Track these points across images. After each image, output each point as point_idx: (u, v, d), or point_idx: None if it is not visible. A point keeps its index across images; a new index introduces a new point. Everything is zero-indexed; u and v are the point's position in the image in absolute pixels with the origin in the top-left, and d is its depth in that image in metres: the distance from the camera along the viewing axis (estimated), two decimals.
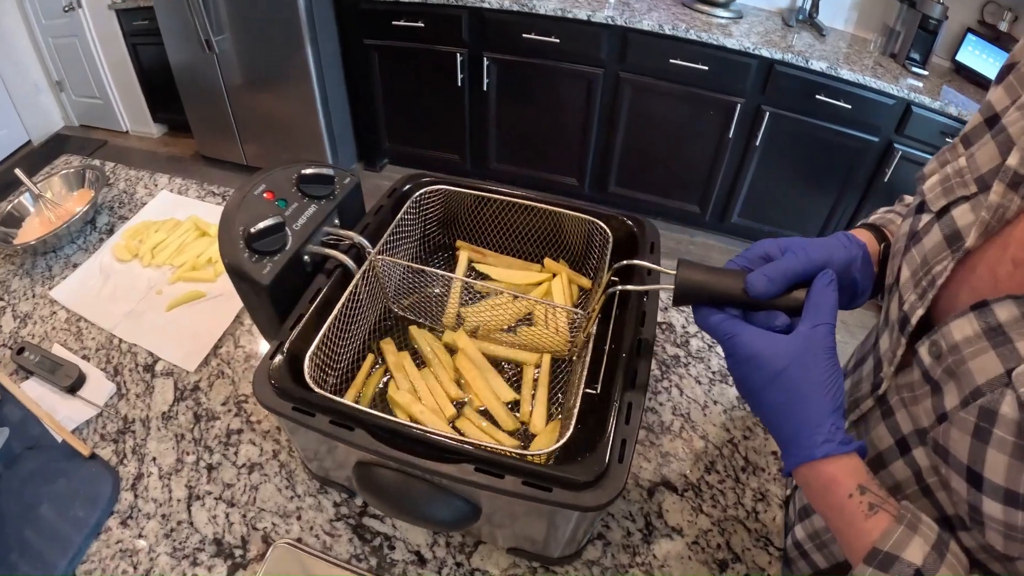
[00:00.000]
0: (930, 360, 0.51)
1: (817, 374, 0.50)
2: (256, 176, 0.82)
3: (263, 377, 0.66)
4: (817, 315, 0.52)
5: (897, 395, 0.58)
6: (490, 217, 0.97)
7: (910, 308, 0.54)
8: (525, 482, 0.58)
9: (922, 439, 0.54)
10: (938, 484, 0.53)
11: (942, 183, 0.54)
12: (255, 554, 0.80)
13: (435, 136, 3.16)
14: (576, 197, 3.07)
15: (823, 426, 0.49)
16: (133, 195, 1.39)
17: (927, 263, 0.53)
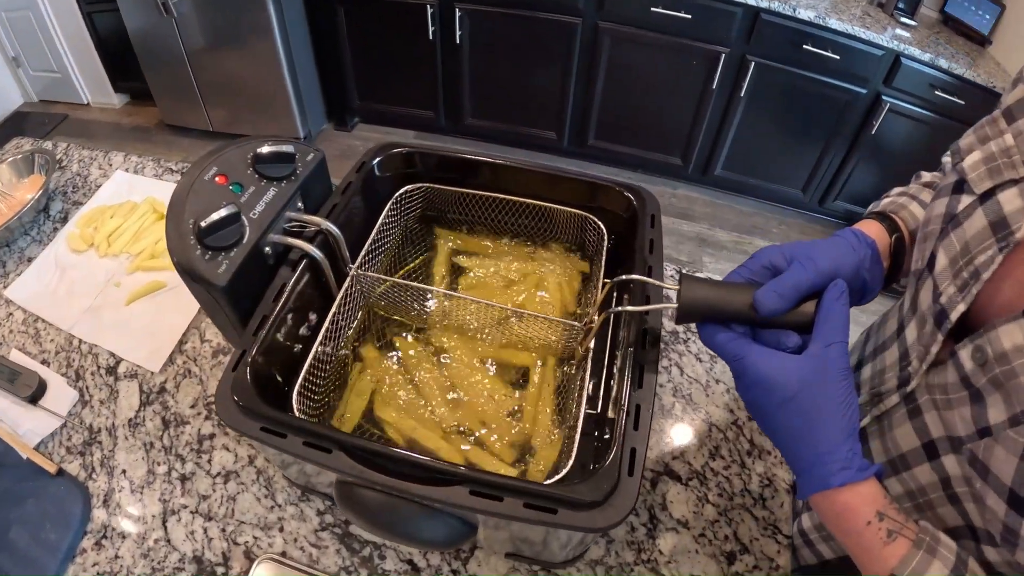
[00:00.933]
0: (972, 366, 0.47)
1: (831, 398, 0.47)
2: (206, 158, 0.73)
3: (226, 393, 0.59)
4: (829, 334, 0.49)
5: (928, 395, 0.54)
6: (475, 210, 0.89)
7: (948, 302, 0.50)
8: (527, 504, 0.52)
9: (955, 447, 0.50)
10: (968, 495, 0.50)
11: (986, 162, 0.49)
12: (238, 571, 0.75)
13: (407, 92, 3.03)
14: (555, 152, 2.99)
15: (839, 452, 0.46)
16: (87, 178, 1.29)
17: (968, 251, 0.48)
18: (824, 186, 2.71)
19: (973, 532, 0.51)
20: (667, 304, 0.59)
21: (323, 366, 0.71)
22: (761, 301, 0.51)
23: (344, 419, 0.73)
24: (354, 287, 0.76)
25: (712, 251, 2.71)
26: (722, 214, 2.87)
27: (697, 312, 0.55)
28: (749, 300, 0.52)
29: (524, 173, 0.85)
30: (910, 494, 0.57)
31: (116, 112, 3.62)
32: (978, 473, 0.46)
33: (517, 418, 0.74)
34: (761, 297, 0.51)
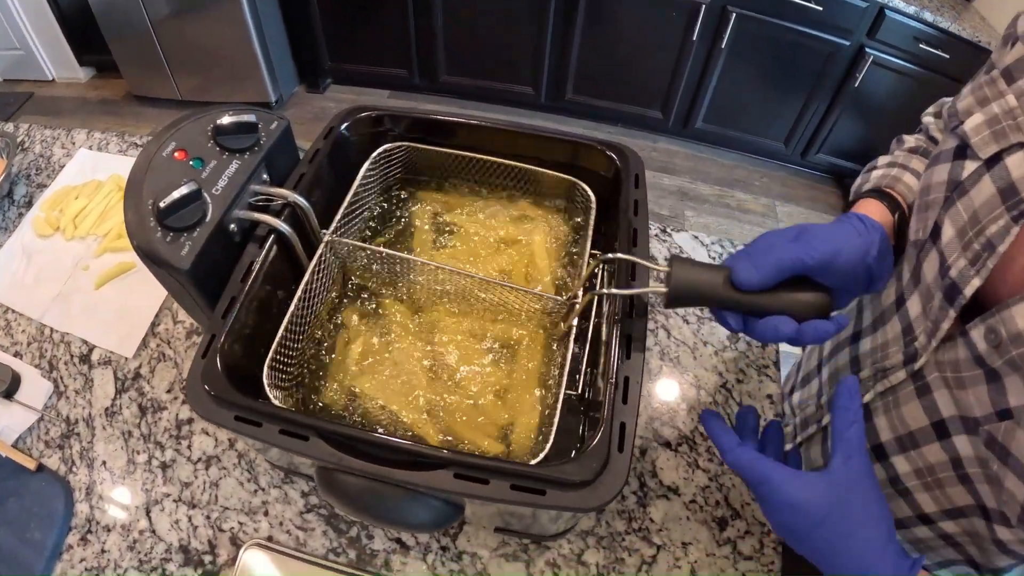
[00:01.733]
0: (986, 347, 0.44)
1: (865, 512, 0.46)
2: (163, 133, 0.68)
3: (196, 382, 0.57)
4: (848, 444, 0.48)
5: (938, 372, 0.51)
6: (454, 172, 0.85)
7: (960, 276, 0.47)
8: (514, 486, 0.50)
9: (968, 427, 0.48)
10: (981, 476, 0.48)
11: (990, 125, 0.46)
12: (225, 559, 0.74)
13: (379, 51, 2.93)
14: (532, 107, 2.93)
15: (885, 561, 0.46)
16: (50, 158, 1.23)
17: (978, 221, 0.46)
18: (806, 139, 2.68)
19: (984, 511, 0.50)
20: (656, 288, 0.56)
21: (297, 338, 0.68)
22: (736, 271, 0.49)
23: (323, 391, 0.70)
24: (328, 254, 0.72)
25: (694, 205, 2.68)
26: (704, 167, 2.84)
27: (689, 297, 0.52)
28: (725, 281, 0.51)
29: (499, 133, 0.81)
30: (918, 472, 0.56)
31: (82, 86, 3.50)
32: (996, 455, 0.45)
33: (497, 392, 0.70)
34: (737, 267, 0.49)
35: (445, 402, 0.68)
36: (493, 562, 0.73)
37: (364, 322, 0.75)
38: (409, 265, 0.74)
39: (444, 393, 0.69)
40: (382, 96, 3.12)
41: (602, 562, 0.73)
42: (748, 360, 0.89)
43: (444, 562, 0.73)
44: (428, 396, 0.68)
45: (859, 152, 2.64)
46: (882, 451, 0.59)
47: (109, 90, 3.41)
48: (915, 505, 0.58)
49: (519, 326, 0.74)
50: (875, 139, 2.57)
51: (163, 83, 3.03)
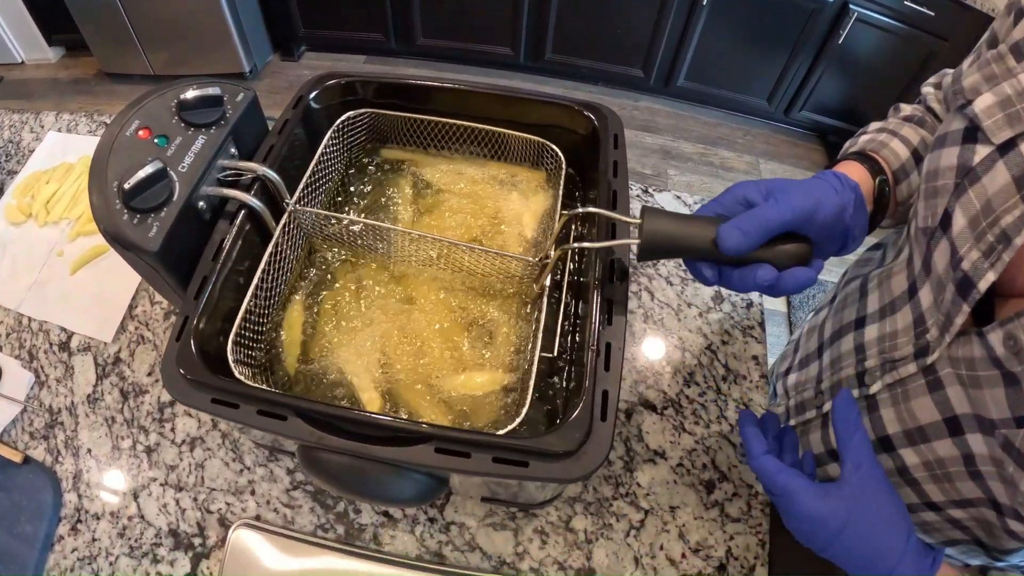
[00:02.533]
0: (1005, 352, 0.43)
1: (881, 516, 0.48)
2: (126, 112, 0.66)
3: (171, 365, 0.56)
4: (855, 453, 0.50)
5: (951, 368, 0.50)
6: (424, 138, 0.83)
7: (974, 269, 0.45)
8: (496, 459, 0.50)
9: (984, 427, 0.47)
10: (995, 475, 0.48)
11: (1002, 107, 0.44)
12: (215, 540, 0.74)
13: (354, 15, 2.85)
14: (512, 69, 2.88)
15: (906, 561, 0.47)
16: (19, 143, 1.20)
17: (992, 211, 0.44)
18: (790, 96, 2.65)
19: (995, 504, 0.50)
20: (628, 240, 0.55)
21: (263, 312, 0.67)
22: (723, 237, 0.48)
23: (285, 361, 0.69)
24: (292, 224, 0.70)
25: (677, 163, 2.66)
26: (686, 125, 2.81)
27: (661, 248, 0.52)
28: (700, 232, 0.50)
29: (473, 96, 0.79)
30: (927, 464, 0.55)
31: (53, 67, 3.41)
32: (1013, 459, 0.44)
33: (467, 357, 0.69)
34: (724, 233, 0.48)
35: (408, 371, 0.67)
36: (481, 532, 0.73)
37: (329, 292, 0.74)
38: (376, 232, 0.73)
39: (409, 361, 0.68)
40: (358, 62, 3.05)
41: (590, 528, 0.73)
42: (733, 321, 0.88)
43: (432, 533, 0.73)
44: (391, 365, 0.67)
45: (843, 109, 2.62)
46: (889, 443, 0.58)
47: (80, 69, 3.33)
48: (922, 494, 0.58)
49: (492, 290, 0.73)
50: (859, 96, 2.55)
51: (135, 59, 2.96)
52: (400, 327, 0.70)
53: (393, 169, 0.84)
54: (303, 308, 0.72)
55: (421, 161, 0.85)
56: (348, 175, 0.83)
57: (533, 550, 0.72)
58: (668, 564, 0.72)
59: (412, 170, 0.84)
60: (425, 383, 0.66)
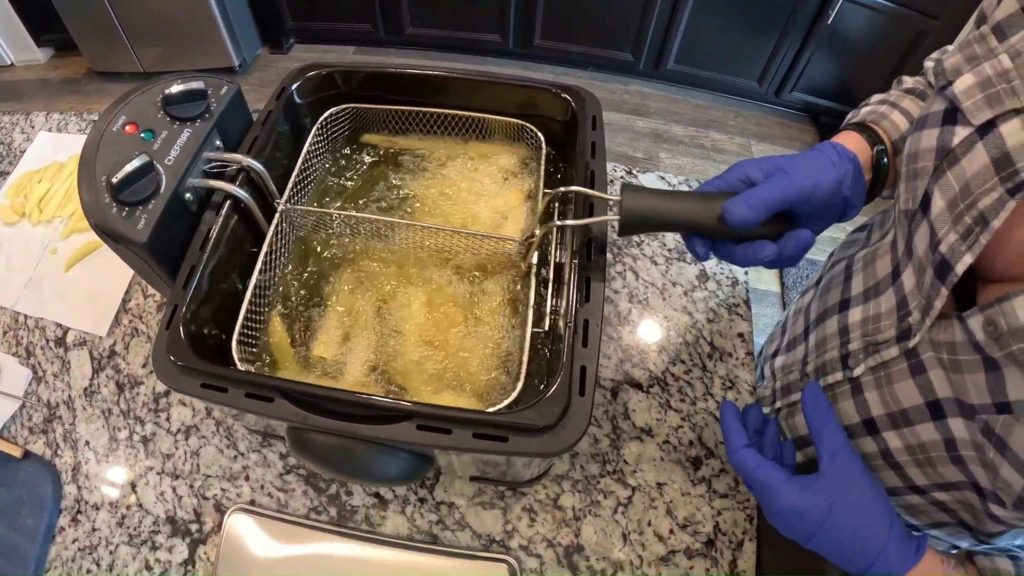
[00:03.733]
0: (985, 337, 0.43)
1: (861, 505, 0.49)
2: (113, 108, 0.67)
3: (161, 353, 0.57)
4: (830, 443, 0.51)
5: (933, 352, 0.50)
6: (408, 126, 0.84)
7: (951, 252, 0.45)
8: (477, 435, 0.51)
9: (965, 412, 0.47)
10: (976, 459, 0.48)
11: (982, 88, 0.44)
12: (211, 525, 0.75)
13: (342, 5, 2.85)
14: (501, 55, 2.88)
15: (891, 545, 0.48)
16: (11, 144, 1.21)
17: (970, 193, 0.44)
18: (780, 77, 2.65)
19: (977, 488, 0.50)
20: (609, 217, 0.57)
21: (261, 310, 0.69)
22: (731, 211, 0.50)
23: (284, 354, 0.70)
24: (284, 223, 0.72)
25: (668, 146, 2.67)
26: (677, 109, 2.81)
27: (641, 223, 0.54)
28: (690, 208, 0.52)
29: (454, 82, 0.80)
30: (909, 448, 0.55)
31: (42, 68, 3.40)
32: (994, 445, 0.45)
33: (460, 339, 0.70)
34: (732, 207, 0.50)
35: (402, 356, 0.68)
36: (471, 511, 0.74)
37: (324, 283, 0.75)
38: (365, 223, 0.74)
39: (404, 345, 0.69)
40: (347, 52, 3.05)
41: (578, 505, 0.75)
42: (718, 300, 0.90)
43: (423, 513, 0.74)
44: (386, 349, 0.69)
45: (834, 89, 2.62)
46: (873, 425, 0.59)
47: (70, 69, 3.33)
48: (906, 477, 0.58)
49: (482, 271, 0.74)
50: (849, 76, 2.54)
51: (124, 57, 2.96)
52: (393, 311, 0.71)
53: (378, 158, 0.85)
54: (299, 301, 0.74)
55: (405, 148, 0.86)
56: (334, 168, 0.84)
57: (522, 528, 0.74)
58: (656, 540, 0.74)
59: (397, 158, 0.85)
60: (419, 367, 0.68)
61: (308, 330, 0.71)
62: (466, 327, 0.70)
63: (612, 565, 0.73)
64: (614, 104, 2.82)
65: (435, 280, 0.74)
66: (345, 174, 0.84)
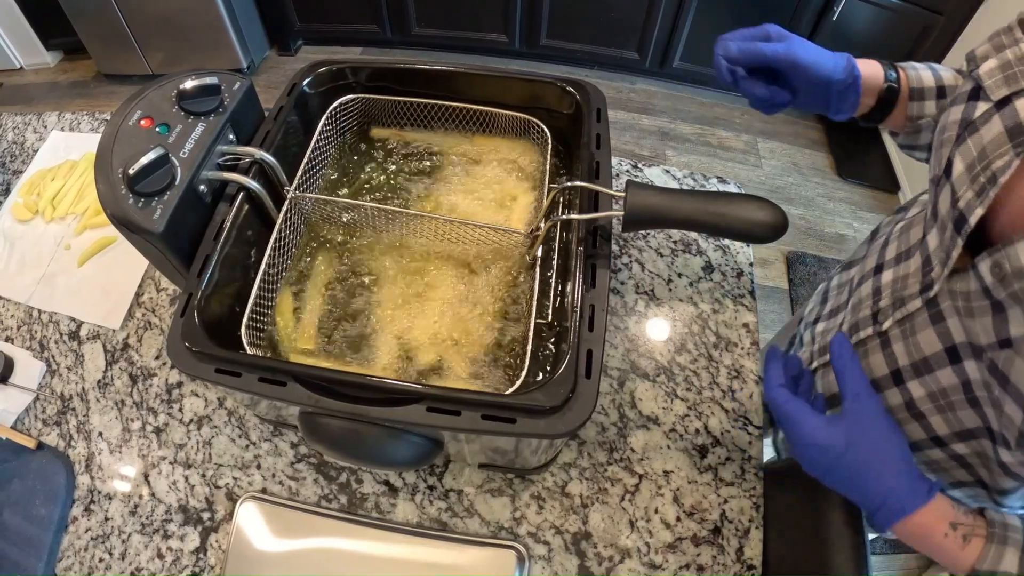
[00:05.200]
0: (992, 280, 0.48)
1: (879, 441, 0.53)
2: (128, 103, 0.69)
3: (176, 340, 0.58)
4: (852, 385, 0.55)
5: (950, 301, 0.55)
6: (415, 120, 0.85)
7: (967, 206, 0.51)
8: (485, 416, 0.52)
9: (976, 354, 0.52)
10: (987, 400, 0.53)
11: (1003, 69, 0.50)
12: (223, 514, 0.76)
13: (348, 6, 2.86)
14: (507, 55, 2.88)
15: (903, 482, 0.52)
16: (24, 144, 1.23)
17: (985, 156, 0.49)
18: None
19: (990, 433, 0.54)
20: (613, 212, 0.58)
21: (271, 295, 0.70)
22: (723, 43, 0.66)
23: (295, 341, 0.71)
24: (294, 210, 0.73)
25: (675, 144, 2.67)
26: (683, 107, 2.81)
27: (645, 220, 0.55)
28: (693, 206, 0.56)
29: (460, 76, 0.81)
30: (932, 395, 0.59)
31: (51, 71, 3.44)
32: (997, 381, 0.49)
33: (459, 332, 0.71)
34: (727, 41, 0.66)
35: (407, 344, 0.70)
36: (479, 498, 0.75)
37: (332, 271, 0.76)
38: (374, 213, 0.75)
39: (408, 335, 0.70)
40: (354, 53, 3.06)
41: (585, 493, 0.76)
42: (723, 290, 0.90)
43: (432, 501, 0.75)
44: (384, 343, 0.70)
45: None
46: (899, 376, 0.63)
47: (79, 72, 3.35)
48: (928, 428, 0.62)
49: (489, 262, 0.75)
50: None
51: (132, 59, 2.98)
52: (402, 301, 0.73)
53: (386, 150, 0.86)
54: (313, 287, 0.75)
55: (413, 142, 0.87)
56: (343, 158, 0.85)
57: (530, 515, 0.75)
58: (663, 527, 0.75)
59: (405, 151, 0.86)
60: (424, 355, 0.69)
61: (311, 315, 0.72)
62: (471, 316, 0.71)
63: (620, 552, 0.73)
64: (620, 102, 2.82)
65: (440, 270, 0.75)
66: (354, 165, 0.85)
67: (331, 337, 0.70)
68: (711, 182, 1.02)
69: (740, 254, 0.94)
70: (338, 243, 0.78)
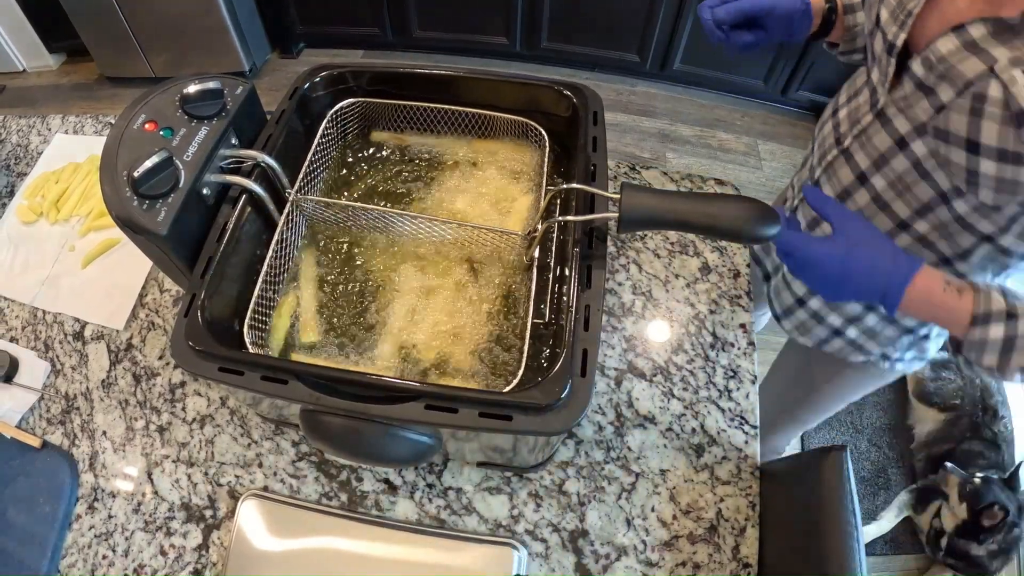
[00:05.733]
0: (923, 71, 0.63)
1: (869, 239, 0.62)
2: (133, 107, 0.70)
3: (180, 339, 0.59)
4: (835, 211, 0.64)
5: (894, 107, 0.70)
6: (415, 123, 0.86)
7: (894, 36, 0.66)
8: (482, 413, 0.53)
9: (920, 132, 0.67)
10: (935, 166, 0.66)
11: None
12: (225, 511, 0.77)
13: (350, 9, 2.87)
14: (507, 58, 2.88)
15: (899, 261, 0.61)
16: (28, 147, 1.24)
17: (903, 4, 0.65)
18: (786, 75, 2.65)
19: (944, 199, 0.68)
20: (608, 214, 0.59)
21: (272, 296, 0.71)
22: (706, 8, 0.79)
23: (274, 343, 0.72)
24: (295, 212, 0.75)
25: (675, 146, 2.67)
26: (683, 109, 2.82)
27: (640, 221, 0.57)
28: (687, 208, 0.57)
29: (459, 80, 0.82)
30: (892, 184, 0.73)
31: (54, 74, 3.44)
32: (941, 139, 0.62)
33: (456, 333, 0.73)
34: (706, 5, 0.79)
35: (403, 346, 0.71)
36: (477, 496, 0.76)
37: (332, 272, 0.78)
38: (373, 215, 0.76)
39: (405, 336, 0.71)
40: (356, 56, 3.07)
41: (583, 491, 0.77)
42: (720, 291, 0.91)
43: (431, 499, 0.76)
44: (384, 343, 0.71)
45: (839, 87, 2.61)
46: (864, 177, 0.76)
47: (82, 74, 3.36)
48: (894, 215, 0.74)
49: (486, 263, 0.77)
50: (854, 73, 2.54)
51: (135, 62, 2.99)
52: (394, 301, 0.74)
53: (386, 154, 0.88)
54: (312, 287, 0.76)
55: (413, 145, 0.88)
56: (344, 162, 0.87)
57: (528, 513, 0.76)
58: (660, 525, 0.76)
59: (404, 154, 0.87)
60: (421, 355, 0.70)
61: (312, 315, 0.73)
62: (469, 317, 0.72)
63: (616, 550, 0.74)
64: (621, 105, 2.83)
65: (437, 271, 0.76)
66: (354, 168, 0.86)
67: (331, 336, 0.72)
68: (708, 184, 1.03)
69: (737, 255, 0.95)
70: (339, 245, 0.79)
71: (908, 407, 1.86)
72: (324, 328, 0.72)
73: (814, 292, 0.87)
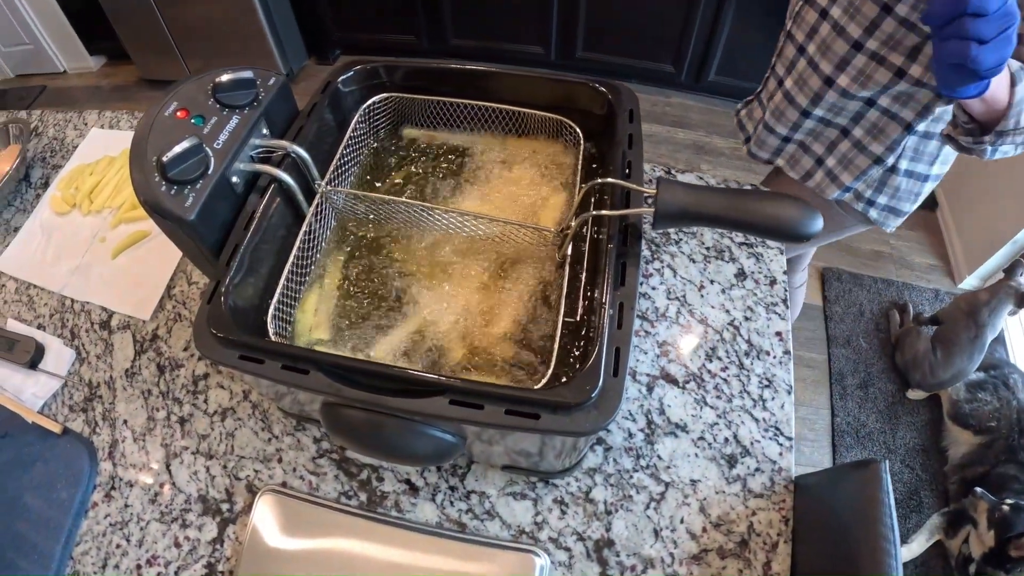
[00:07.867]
0: None
1: None
2: (166, 94, 0.70)
3: (202, 325, 0.58)
4: None
5: None
6: (448, 119, 0.85)
7: None
8: (509, 411, 0.51)
9: None
10: None
11: None
12: (242, 506, 0.76)
13: (386, 17, 2.90)
14: (542, 66, 2.87)
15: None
16: (64, 140, 1.26)
17: None
18: None
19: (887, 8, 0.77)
20: (644, 209, 0.57)
21: (297, 287, 0.70)
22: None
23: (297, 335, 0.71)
24: (325, 204, 0.74)
25: (710, 158, 2.64)
26: (718, 120, 2.78)
27: (675, 216, 0.55)
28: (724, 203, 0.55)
29: (493, 77, 0.81)
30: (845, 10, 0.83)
31: (94, 75, 3.53)
32: None
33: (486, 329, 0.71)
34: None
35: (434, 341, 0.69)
36: (501, 500, 0.74)
37: (359, 265, 0.76)
38: (405, 209, 0.75)
39: (435, 331, 0.70)
40: None
41: (610, 499, 0.74)
42: (756, 298, 0.88)
43: (453, 502, 0.74)
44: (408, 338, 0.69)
45: None
46: (825, 12, 0.87)
47: (121, 77, 3.44)
48: (848, 36, 0.84)
49: (519, 260, 0.75)
50: None
51: (173, 65, 3.05)
52: (430, 297, 0.72)
53: (418, 149, 0.86)
54: (336, 281, 0.75)
55: (445, 141, 0.87)
56: (375, 156, 0.86)
57: (552, 520, 0.73)
58: (689, 538, 0.73)
59: (437, 151, 0.86)
60: (451, 351, 0.68)
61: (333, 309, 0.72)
62: (499, 313, 0.70)
63: (643, 561, 0.71)
64: (655, 116, 2.80)
65: (469, 267, 0.74)
66: (385, 163, 0.85)
67: (356, 330, 0.70)
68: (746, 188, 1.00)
69: (774, 262, 0.92)
70: (367, 238, 0.78)
71: (943, 428, 1.80)
72: (349, 322, 0.71)
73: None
